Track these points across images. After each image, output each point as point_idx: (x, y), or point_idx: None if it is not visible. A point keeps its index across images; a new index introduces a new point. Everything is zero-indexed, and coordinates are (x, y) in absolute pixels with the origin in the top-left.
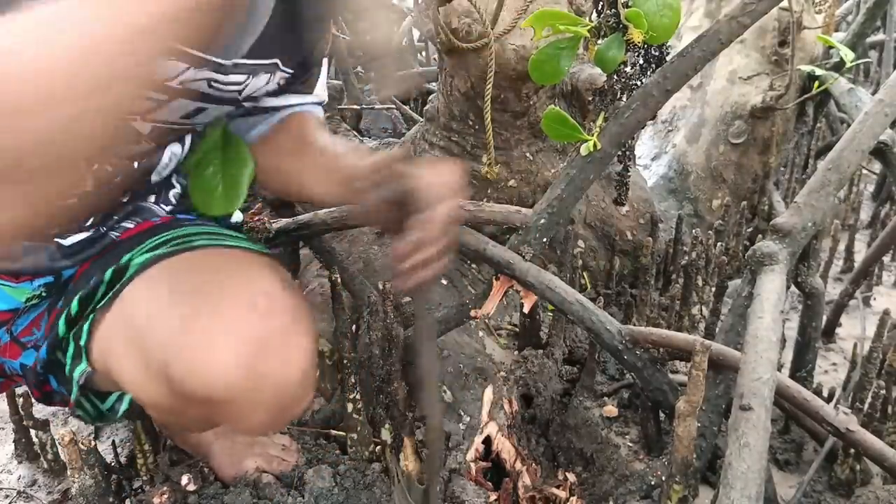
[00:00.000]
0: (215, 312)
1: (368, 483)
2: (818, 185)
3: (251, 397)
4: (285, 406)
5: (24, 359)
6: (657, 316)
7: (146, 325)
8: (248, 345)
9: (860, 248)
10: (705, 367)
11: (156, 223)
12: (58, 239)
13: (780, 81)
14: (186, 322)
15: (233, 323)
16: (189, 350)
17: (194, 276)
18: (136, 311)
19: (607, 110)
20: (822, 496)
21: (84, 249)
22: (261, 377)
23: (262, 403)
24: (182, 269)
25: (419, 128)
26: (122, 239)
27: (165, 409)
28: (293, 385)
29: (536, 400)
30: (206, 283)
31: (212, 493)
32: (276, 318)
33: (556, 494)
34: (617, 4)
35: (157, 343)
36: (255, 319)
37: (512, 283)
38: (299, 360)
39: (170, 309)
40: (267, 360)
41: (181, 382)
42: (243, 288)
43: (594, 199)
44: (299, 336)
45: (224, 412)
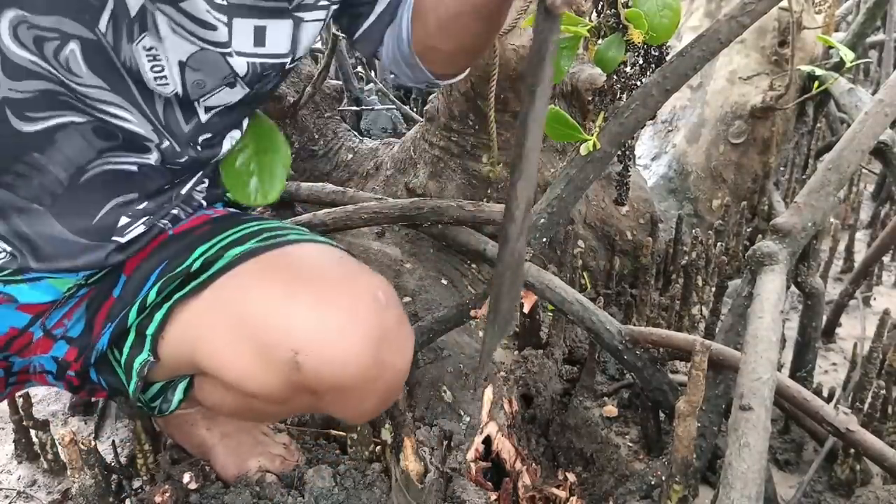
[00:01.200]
0: (342, 304)
1: (368, 483)
2: (818, 185)
3: (371, 385)
4: (392, 393)
5: (56, 351)
6: (657, 316)
7: (267, 317)
8: (375, 335)
9: (860, 248)
10: (705, 367)
11: (214, 216)
12: (116, 238)
13: (780, 81)
14: (316, 313)
15: (362, 315)
16: (323, 340)
17: (307, 269)
18: (246, 303)
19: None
20: (822, 496)
21: (137, 241)
22: (382, 365)
23: (377, 390)
24: (290, 263)
25: (419, 128)
26: (177, 232)
27: (276, 396)
28: (403, 373)
29: (536, 400)
30: (324, 277)
31: (212, 493)
32: (394, 311)
33: (556, 494)
34: (617, 4)
35: (285, 335)
36: (380, 311)
37: None
38: (409, 349)
39: (292, 301)
40: (388, 349)
41: (313, 370)
42: (363, 281)
43: (594, 199)
44: (407, 325)
45: (342, 399)
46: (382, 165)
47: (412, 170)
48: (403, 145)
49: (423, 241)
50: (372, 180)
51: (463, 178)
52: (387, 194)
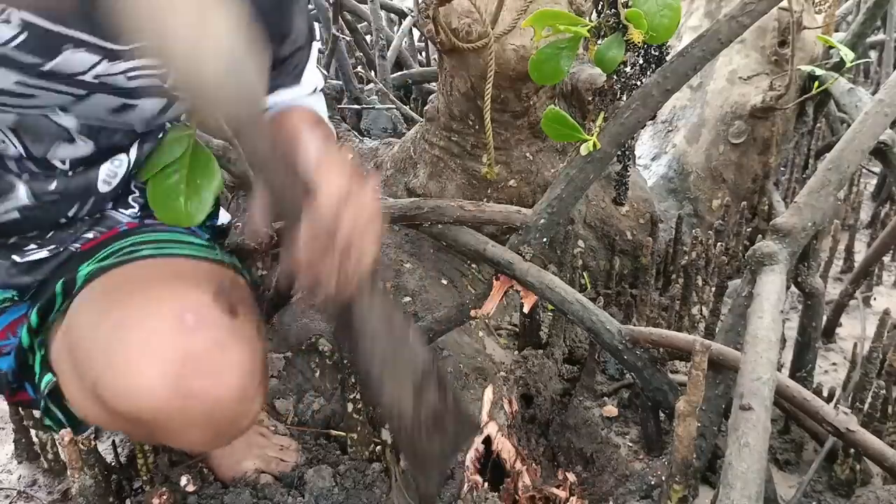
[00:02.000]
0: (140, 329)
1: (368, 483)
2: (818, 185)
3: (181, 416)
4: (222, 424)
5: (2, 363)
6: (657, 316)
7: (78, 342)
8: (174, 362)
9: (860, 248)
10: (705, 367)
11: (119, 231)
12: (13, 256)
13: (780, 81)
14: (112, 339)
15: (158, 340)
16: (115, 369)
17: (127, 289)
18: (72, 326)
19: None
20: (822, 496)
21: (43, 264)
22: (188, 395)
23: (195, 422)
24: (118, 283)
25: (419, 128)
26: (82, 250)
27: (110, 427)
28: (228, 401)
29: (536, 400)
30: (135, 298)
31: (211, 494)
32: (205, 334)
33: (556, 494)
34: (617, 4)
35: (87, 361)
36: (182, 336)
37: (512, 283)
38: (232, 375)
39: (98, 326)
40: (195, 377)
41: (111, 402)
42: (172, 302)
43: (594, 199)
44: (232, 351)
45: (157, 431)
46: (382, 165)
47: (412, 170)
48: (403, 145)
49: (423, 241)
50: None
51: (463, 178)
52: (387, 194)
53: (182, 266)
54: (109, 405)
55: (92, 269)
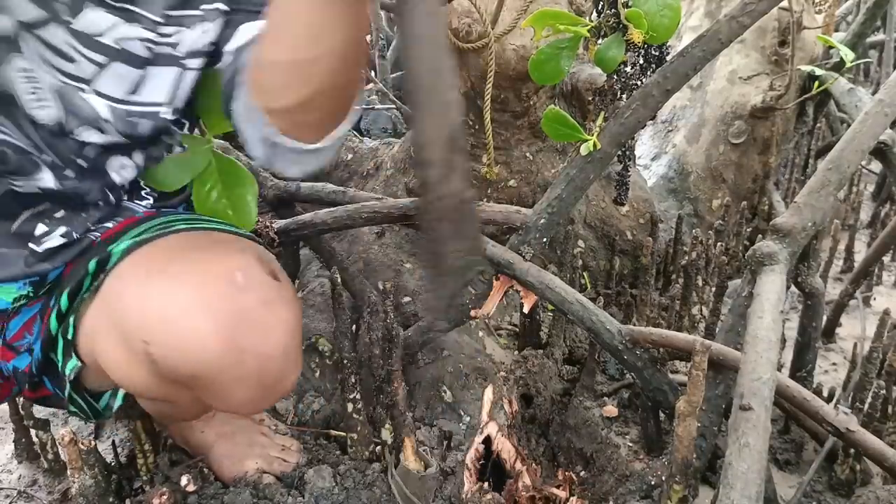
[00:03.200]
0: (193, 287)
1: (369, 483)
2: (818, 185)
3: (233, 372)
4: (269, 381)
5: (17, 362)
6: (657, 316)
7: (125, 308)
8: (227, 319)
9: (860, 248)
10: (705, 367)
11: (138, 218)
12: (31, 244)
13: (780, 81)
14: (163, 300)
15: (210, 298)
16: (168, 327)
17: (172, 256)
18: (116, 297)
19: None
20: (822, 496)
21: (62, 251)
22: (241, 350)
23: (245, 379)
24: (160, 252)
25: None
26: (103, 238)
27: (154, 393)
28: (275, 358)
29: (536, 400)
30: (183, 262)
31: (212, 493)
32: (255, 293)
33: (556, 494)
34: (617, 4)
35: (136, 325)
36: (233, 293)
37: (512, 283)
38: (279, 332)
39: (147, 289)
40: (246, 333)
41: (163, 361)
42: (220, 264)
43: (594, 199)
44: (279, 309)
45: (207, 389)
46: (382, 165)
47: (412, 170)
48: (403, 145)
49: (423, 240)
50: (372, 180)
51: None
52: (387, 194)
53: (221, 236)
54: (161, 364)
55: (128, 245)
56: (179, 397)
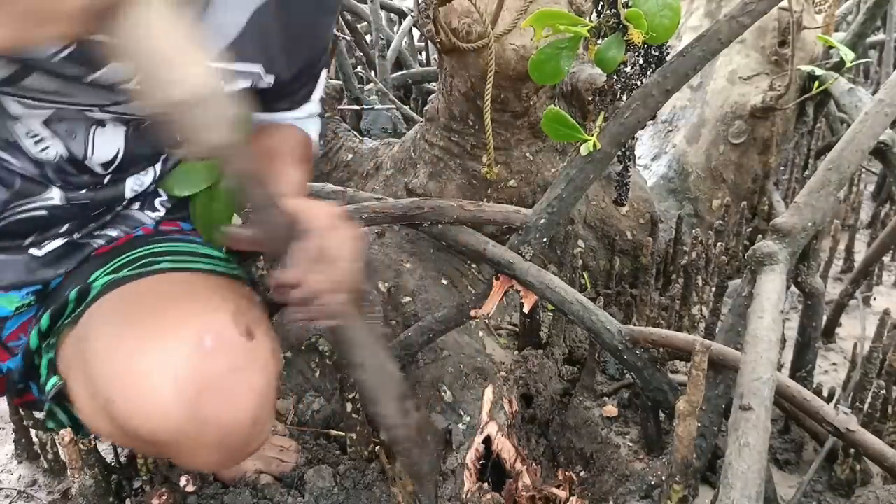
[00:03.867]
0: (158, 350)
1: (368, 483)
2: (818, 185)
3: (195, 439)
4: (233, 448)
5: (11, 363)
6: (657, 316)
7: (94, 357)
8: (191, 386)
9: (860, 248)
10: (705, 367)
11: (134, 236)
12: (32, 250)
13: (780, 81)
14: (129, 359)
15: (175, 363)
16: (131, 389)
17: (147, 305)
18: (88, 339)
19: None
20: (822, 496)
21: (62, 258)
22: (203, 421)
23: (207, 445)
24: (136, 298)
25: (419, 128)
26: (98, 254)
27: (119, 442)
28: (241, 427)
29: (536, 400)
30: (154, 317)
31: (211, 494)
32: (223, 358)
33: (556, 494)
34: (617, 4)
35: (102, 378)
36: (200, 359)
37: (512, 283)
38: (246, 401)
39: (116, 343)
40: (211, 402)
41: (125, 422)
42: (193, 324)
43: (594, 199)
44: (248, 376)
45: (168, 452)
46: (382, 165)
47: (412, 170)
48: (403, 145)
49: (423, 241)
50: (372, 180)
51: (463, 178)
52: (387, 194)
53: (200, 282)
54: (122, 424)
55: (107, 281)
56: (145, 450)
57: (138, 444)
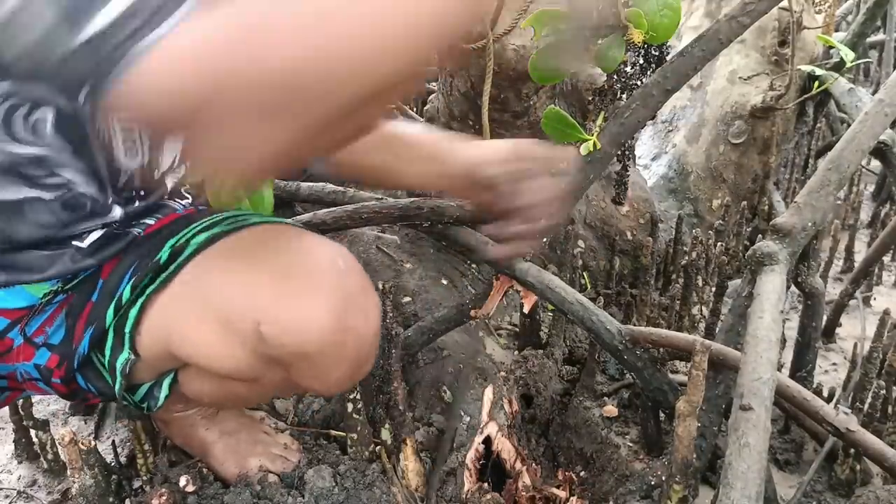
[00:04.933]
0: (303, 273)
1: (368, 483)
2: (818, 185)
3: (338, 350)
4: (363, 360)
5: (38, 359)
6: (657, 316)
7: (230, 293)
8: (337, 299)
9: (860, 248)
10: (705, 367)
11: (183, 214)
12: (75, 242)
13: (780, 81)
14: (277, 284)
15: (321, 281)
16: (284, 307)
17: (266, 246)
18: (210, 284)
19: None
20: (822, 496)
21: (105, 247)
22: (347, 330)
23: (346, 357)
24: (250, 242)
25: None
26: (148, 233)
27: (244, 373)
28: (370, 338)
29: (536, 400)
30: (283, 251)
31: (211, 494)
32: (355, 276)
33: (556, 494)
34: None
35: (247, 307)
36: (340, 277)
37: (512, 283)
38: (375, 314)
39: (252, 275)
40: (352, 314)
41: (275, 339)
42: (323, 251)
43: (594, 199)
44: (373, 294)
45: (310, 368)
46: None
47: None
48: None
49: (423, 241)
50: None
51: None
52: (387, 194)
53: (298, 229)
54: (271, 342)
55: (206, 237)
56: (270, 377)
57: (269, 370)
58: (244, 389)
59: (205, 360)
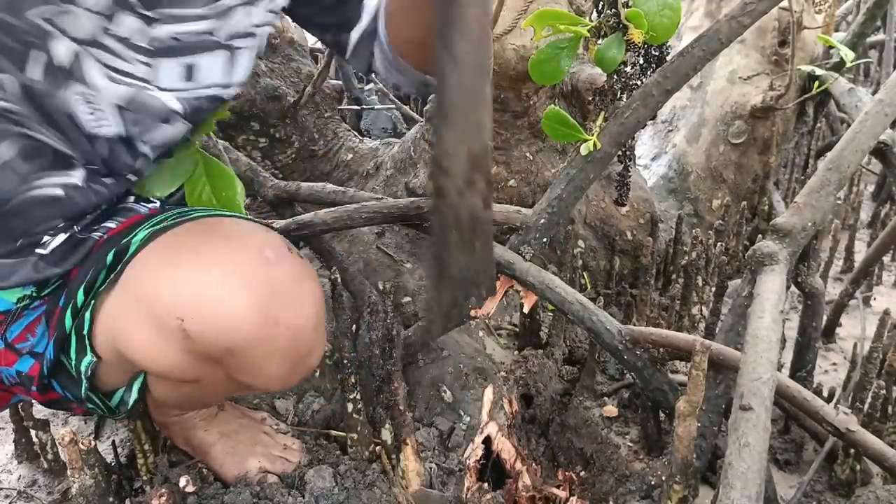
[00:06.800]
0: (225, 264)
1: (369, 483)
2: (818, 185)
3: (268, 344)
4: (300, 354)
5: (20, 365)
6: (657, 316)
7: (156, 289)
8: (262, 292)
9: (860, 248)
10: (705, 367)
11: (145, 215)
12: (38, 250)
13: (780, 81)
14: (198, 277)
15: (244, 272)
16: (205, 302)
17: (199, 238)
18: (143, 281)
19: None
20: (822, 496)
21: (68, 254)
22: (275, 323)
23: (279, 350)
24: (186, 235)
25: (419, 128)
26: (110, 236)
27: (184, 373)
28: (307, 330)
29: (536, 400)
30: (212, 242)
31: (211, 494)
32: (285, 266)
33: (556, 494)
34: (617, 4)
35: (170, 303)
36: (266, 268)
37: (512, 283)
38: (310, 304)
39: (179, 269)
40: (281, 305)
41: (200, 336)
42: (250, 241)
43: (594, 199)
44: (308, 283)
45: (241, 364)
46: (382, 165)
47: (412, 170)
48: (403, 145)
49: (423, 241)
50: (372, 180)
51: None
52: (387, 194)
53: (239, 220)
54: (197, 339)
55: (148, 233)
56: (209, 376)
57: (206, 368)
58: (192, 390)
59: (143, 361)
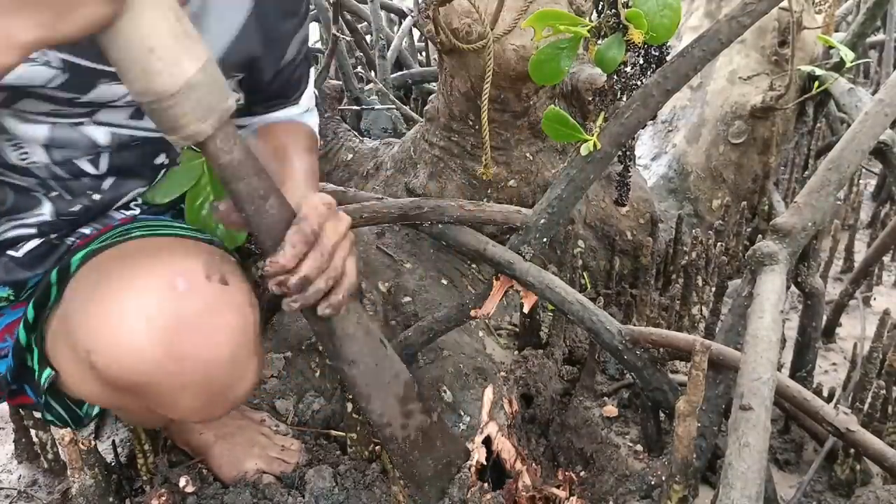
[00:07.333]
0: (132, 294)
1: (368, 483)
2: (818, 185)
3: (175, 379)
4: (217, 388)
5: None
6: (657, 316)
7: (72, 318)
8: (166, 324)
9: (860, 248)
10: (705, 367)
11: (113, 226)
12: (10, 251)
13: (780, 81)
14: (104, 308)
15: (149, 304)
16: (107, 336)
17: (121, 264)
18: (68, 305)
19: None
20: (822, 496)
21: (40, 259)
22: (181, 358)
23: (190, 385)
24: (110, 260)
25: (419, 128)
26: (83, 244)
27: (105, 402)
28: (221, 364)
29: (536, 400)
30: (129, 268)
31: (211, 494)
32: (198, 299)
33: (556, 494)
34: (617, 4)
35: (81, 334)
36: (174, 300)
37: (512, 283)
38: (224, 337)
39: (93, 298)
40: (188, 339)
41: (105, 370)
42: (162, 269)
43: (594, 199)
44: (225, 314)
45: (152, 398)
46: (382, 165)
47: (412, 170)
48: (403, 145)
49: (423, 241)
50: (372, 180)
51: (463, 178)
52: (387, 194)
53: (172, 242)
54: (104, 373)
55: (84, 254)
56: (131, 406)
57: (123, 399)
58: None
59: (70, 388)
